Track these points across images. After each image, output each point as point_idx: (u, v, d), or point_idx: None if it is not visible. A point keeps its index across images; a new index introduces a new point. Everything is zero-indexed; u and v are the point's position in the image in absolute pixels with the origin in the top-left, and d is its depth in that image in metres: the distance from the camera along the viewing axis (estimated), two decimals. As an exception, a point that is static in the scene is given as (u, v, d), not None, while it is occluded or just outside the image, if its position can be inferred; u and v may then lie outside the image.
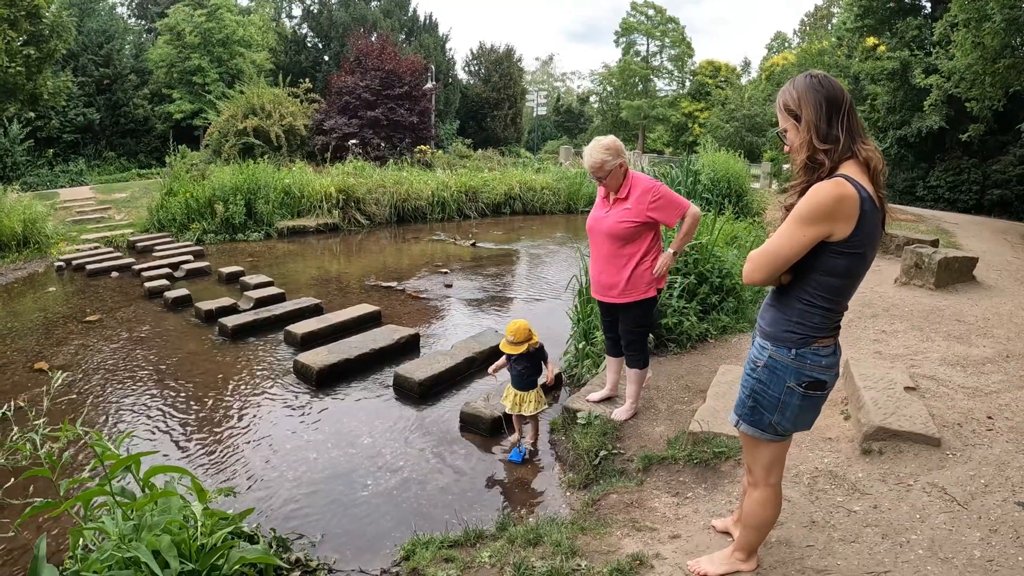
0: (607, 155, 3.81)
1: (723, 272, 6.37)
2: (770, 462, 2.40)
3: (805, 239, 2.03)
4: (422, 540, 3.14)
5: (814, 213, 2.00)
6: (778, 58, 42.45)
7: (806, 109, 2.07)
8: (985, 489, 3.21)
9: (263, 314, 7.38)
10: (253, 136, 20.77)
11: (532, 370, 4.31)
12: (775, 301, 2.27)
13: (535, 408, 4.31)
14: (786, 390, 2.21)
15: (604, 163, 3.81)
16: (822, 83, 2.07)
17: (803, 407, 2.25)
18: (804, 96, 2.07)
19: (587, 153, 3.87)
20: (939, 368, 4.93)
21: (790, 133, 2.16)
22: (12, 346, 6.76)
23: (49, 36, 16.43)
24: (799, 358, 2.17)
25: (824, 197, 1.99)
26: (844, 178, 1.99)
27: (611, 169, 3.82)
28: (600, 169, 3.83)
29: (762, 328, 2.31)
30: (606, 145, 3.84)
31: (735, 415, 2.38)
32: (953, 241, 11.23)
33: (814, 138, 2.05)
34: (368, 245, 13.45)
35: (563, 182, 19.39)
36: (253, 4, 39.02)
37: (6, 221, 11.20)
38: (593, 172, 3.87)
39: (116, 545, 2.37)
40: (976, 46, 13.56)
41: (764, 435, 2.32)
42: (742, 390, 2.37)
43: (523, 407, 4.31)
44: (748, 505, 2.50)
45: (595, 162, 3.82)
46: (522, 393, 4.32)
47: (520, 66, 43.24)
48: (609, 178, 3.86)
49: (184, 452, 4.48)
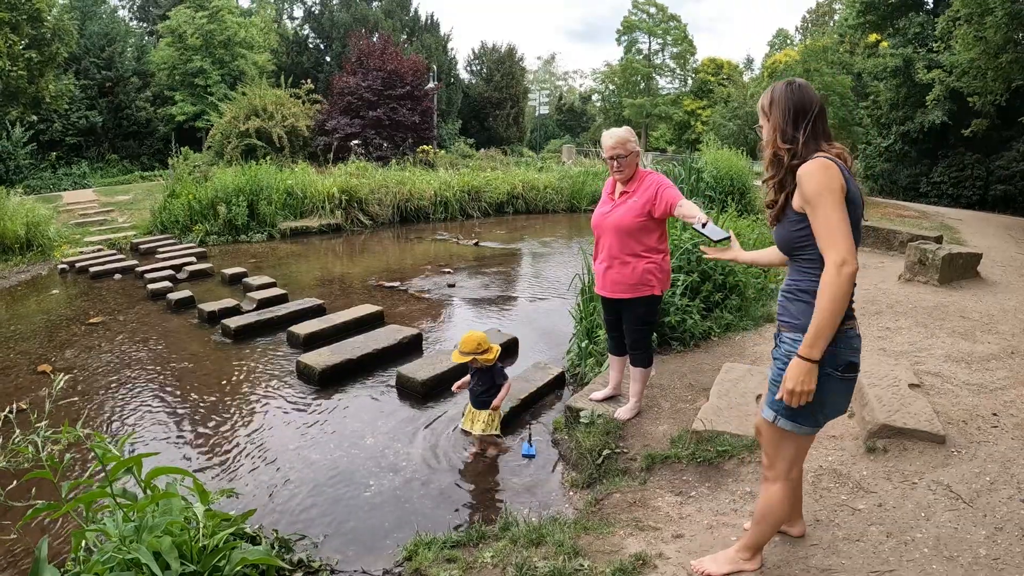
0: (631, 135, 3.89)
1: (726, 269, 6.35)
2: (795, 456, 2.43)
3: (842, 203, 2.13)
4: (424, 540, 3.13)
5: (821, 183, 2.13)
6: (780, 55, 42.25)
7: (775, 112, 2.29)
8: (991, 487, 3.19)
9: (266, 315, 7.39)
10: (255, 137, 20.78)
11: (485, 389, 4.32)
12: (798, 293, 2.30)
13: (482, 429, 4.32)
14: (824, 377, 2.21)
15: (627, 141, 3.84)
16: (795, 91, 2.28)
17: (840, 391, 2.29)
18: (776, 100, 2.29)
19: (609, 134, 3.89)
20: (944, 365, 4.90)
21: (764, 130, 2.38)
22: (16, 349, 6.77)
23: (51, 39, 16.44)
24: (833, 343, 2.18)
25: (814, 169, 2.15)
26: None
27: (632, 150, 3.85)
28: (623, 146, 3.83)
29: (789, 323, 2.32)
30: (627, 129, 3.93)
31: (771, 411, 2.35)
32: (957, 237, 11.19)
33: (778, 138, 2.28)
34: (371, 245, 13.45)
35: (566, 181, 19.39)
36: (255, 5, 39.09)
37: (9, 224, 11.24)
38: (613, 149, 3.84)
39: (117, 547, 2.36)
40: (978, 40, 13.52)
41: (802, 428, 2.33)
42: (775, 386, 2.35)
43: (473, 425, 4.34)
44: (764, 500, 2.49)
45: (620, 138, 3.84)
46: (475, 411, 4.36)
47: (522, 65, 43.28)
48: (626, 163, 3.86)
49: (187, 453, 4.48)
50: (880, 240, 9.68)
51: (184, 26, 27.29)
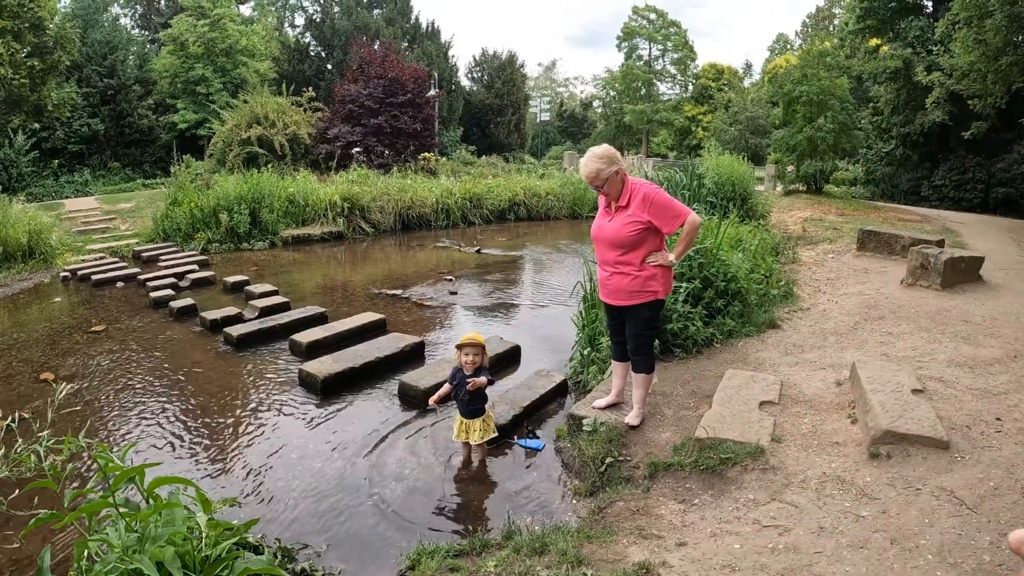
0: (601, 163, 3.84)
1: (728, 276, 6.34)
2: None
3: None
4: (427, 549, 3.13)
5: None
6: (780, 60, 42.38)
7: None
8: (995, 492, 3.18)
9: (268, 323, 7.39)
10: (257, 145, 20.81)
11: (477, 397, 4.29)
12: None
13: (481, 437, 4.29)
14: None
15: (599, 172, 3.84)
16: None
17: None
18: None
19: (582, 164, 3.93)
20: (946, 369, 4.90)
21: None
22: (18, 357, 6.78)
23: (53, 48, 16.54)
24: None
25: None
26: None
27: (607, 177, 3.85)
28: (596, 178, 3.86)
29: None
30: (599, 154, 3.88)
31: None
32: (959, 241, 11.17)
33: None
34: (373, 253, 13.46)
35: (567, 187, 19.40)
36: (256, 14, 39.24)
37: (11, 232, 11.24)
38: (590, 181, 3.91)
39: (120, 557, 2.36)
40: (978, 43, 13.53)
41: None
42: None
43: (470, 435, 4.30)
44: None
45: (590, 171, 3.86)
46: (468, 421, 4.31)
47: (523, 72, 43.41)
48: (607, 186, 3.89)
49: (190, 462, 4.47)
50: (882, 244, 9.67)
51: (186, 34, 27.37)
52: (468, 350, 4.21)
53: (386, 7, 36.87)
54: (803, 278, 8.41)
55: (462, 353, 4.23)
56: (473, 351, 4.21)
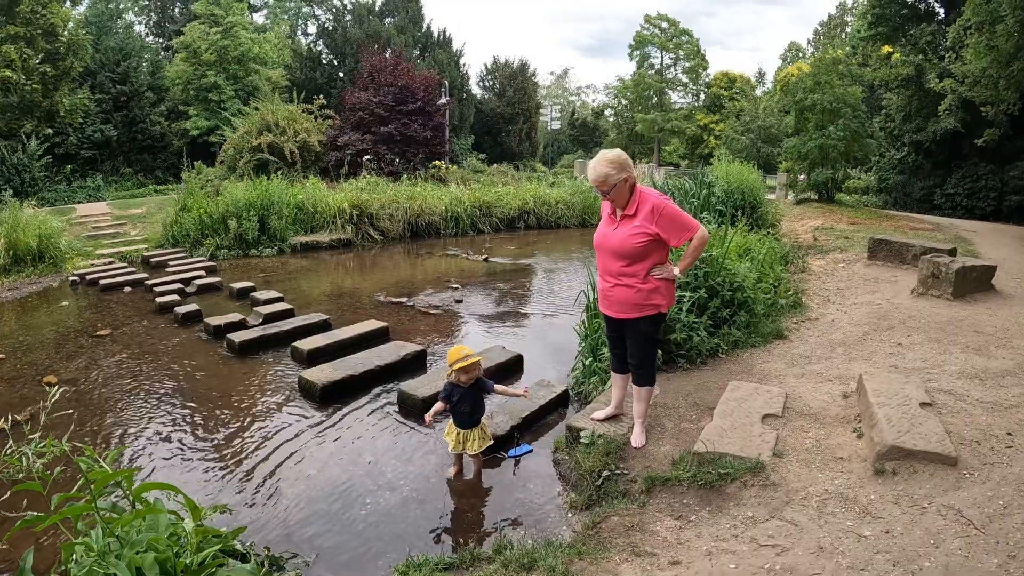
0: (611, 168, 3.73)
1: (735, 285, 6.25)
2: None
3: None
4: (416, 562, 3.07)
5: None
6: (792, 68, 42.17)
7: None
8: (1004, 511, 3.06)
9: (271, 330, 7.36)
10: (268, 152, 20.90)
11: (474, 408, 4.20)
12: None
13: (479, 447, 4.19)
14: None
15: (607, 176, 3.73)
16: None
17: None
18: None
19: (591, 167, 3.81)
20: (956, 382, 4.78)
21: None
22: (23, 359, 6.79)
23: (65, 54, 16.71)
24: None
25: None
26: None
27: (615, 183, 3.73)
28: (604, 183, 3.74)
29: None
30: (610, 159, 3.75)
31: None
32: (971, 249, 11.00)
33: None
34: (381, 260, 13.45)
35: (577, 196, 19.32)
36: (268, 22, 39.61)
37: (21, 236, 11.34)
38: (597, 186, 3.79)
39: (95, 561, 2.32)
40: (990, 49, 13.39)
41: None
42: None
43: (467, 446, 4.19)
44: None
45: (598, 175, 3.75)
46: (465, 431, 4.21)
47: (534, 80, 43.41)
48: (614, 193, 3.78)
49: (185, 467, 4.44)
50: (893, 253, 9.53)
51: (198, 42, 27.64)
52: (460, 366, 4.06)
53: (398, 16, 37.01)
54: (812, 288, 8.29)
55: (457, 372, 4.08)
56: (466, 367, 4.08)
